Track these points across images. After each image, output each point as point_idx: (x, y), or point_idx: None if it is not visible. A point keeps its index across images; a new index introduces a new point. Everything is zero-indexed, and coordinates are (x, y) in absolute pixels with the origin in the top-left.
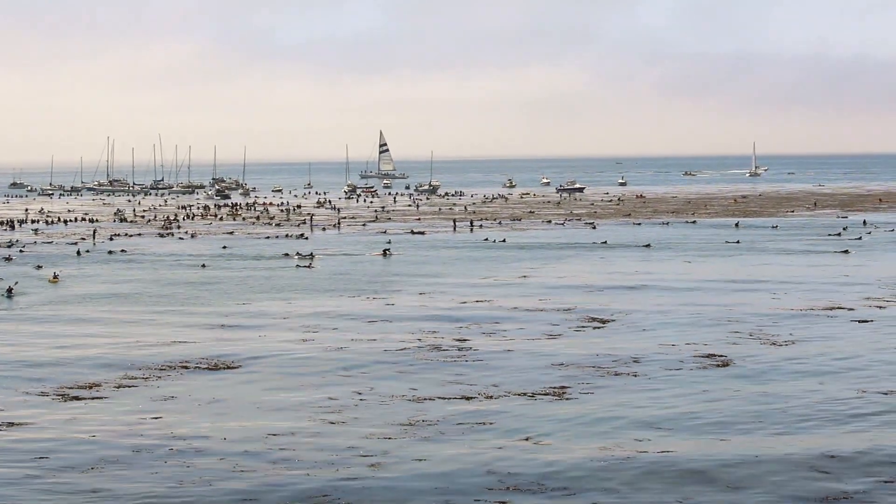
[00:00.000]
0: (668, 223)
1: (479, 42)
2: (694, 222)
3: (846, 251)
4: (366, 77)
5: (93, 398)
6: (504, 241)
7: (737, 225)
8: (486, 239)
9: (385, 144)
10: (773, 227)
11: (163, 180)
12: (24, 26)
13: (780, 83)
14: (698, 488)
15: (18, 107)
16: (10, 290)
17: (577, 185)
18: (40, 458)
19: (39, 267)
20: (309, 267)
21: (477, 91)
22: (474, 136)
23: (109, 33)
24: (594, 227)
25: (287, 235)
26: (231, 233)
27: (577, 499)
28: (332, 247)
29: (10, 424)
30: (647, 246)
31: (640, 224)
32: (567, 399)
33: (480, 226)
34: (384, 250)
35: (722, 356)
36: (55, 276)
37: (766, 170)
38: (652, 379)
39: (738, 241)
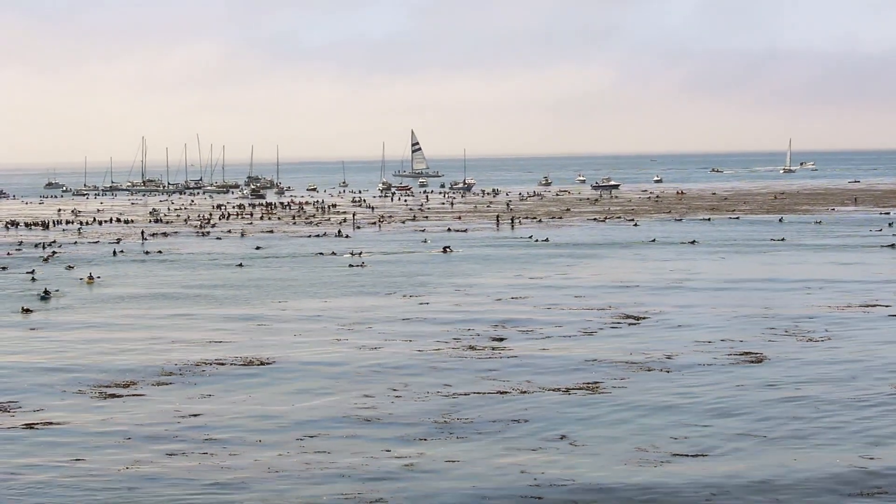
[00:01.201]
0: (709, 219)
1: (506, 42)
2: (737, 218)
3: (893, 245)
4: (394, 78)
5: (131, 395)
6: (547, 239)
7: (781, 220)
8: (531, 237)
9: (417, 143)
10: (816, 222)
11: (201, 180)
12: (50, 28)
13: (806, 79)
14: (734, 494)
15: (50, 108)
16: (46, 292)
17: (613, 182)
18: (76, 460)
19: (70, 267)
20: (361, 266)
21: (504, 90)
22: (503, 134)
23: (134, 35)
24: (636, 225)
25: (326, 234)
26: (270, 231)
27: (611, 496)
28: (376, 245)
29: (48, 423)
30: (693, 243)
31: (681, 220)
32: (601, 393)
33: (520, 222)
34: (445, 247)
35: (757, 353)
36: (91, 277)
37: (813, 166)
38: (685, 376)
39: (783, 238)
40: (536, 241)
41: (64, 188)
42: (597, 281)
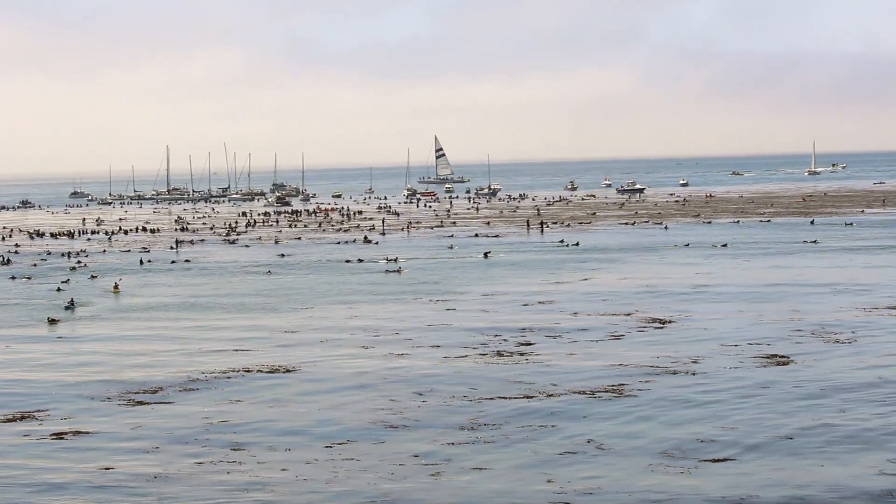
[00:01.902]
0: (738, 222)
1: (528, 45)
2: (768, 221)
3: None
4: (416, 82)
5: (158, 402)
6: (577, 243)
7: (812, 223)
8: (562, 241)
9: (441, 149)
10: (847, 224)
11: (229, 188)
12: (69, 36)
13: (829, 81)
14: (767, 496)
15: (72, 116)
16: (71, 302)
17: (638, 186)
18: (106, 469)
19: (94, 277)
20: (398, 271)
21: (527, 94)
22: (525, 138)
23: (156, 42)
24: (666, 228)
25: (356, 240)
26: (298, 238)
27: None
28: (406, 251)
29: (77, 432)
30: (724, 246)
31: (710, 223)
32: (627, 396)
33: (548, 227)
34: (485, 253)
35: (784, 356)
36: (116, 287)
37: (844, 168)
38: (712, 379)
39: (815, 241)
40: (567, 245)
41: (89, 197)
42: (626, 285)
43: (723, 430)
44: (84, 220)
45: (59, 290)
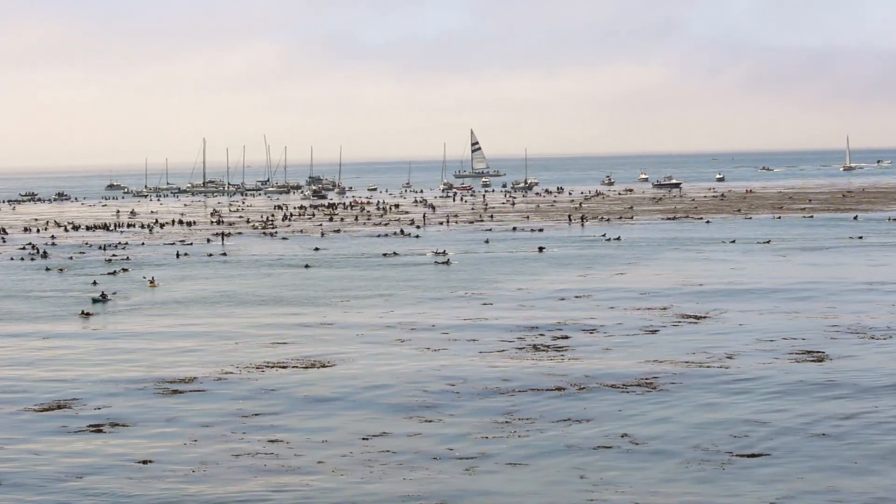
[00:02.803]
0: (779, 217)
1: (565, 39)
2: (810, 217)
3: None
4: (452, 76)
5: (193, 391)
6: (619, 238)
7: (855, 218)
8: (604, 235)
9: (477, 143)
10: (890, 219)
11: (268, 181)
12: (107, 29)
13: (864, 76)
14: (800, 492)
15: (109, 109)
16: (102, 295)
17: (674, 181)
18: (145, 462)
19: (125, 270)
20: (447, 263)
21: (563, 88)
22: (560, 133)
23: (193, 36)
24: (708, 223)
25: (396, 233)
26: (337, 231)
27: (671, 501)
28: (445, 244)
29: (115, 424)
30: (767, 242)
31: (751, 219)
32: (660, 391)
33: (586, 220)
34: (540, 247)
35: (818, 352)
36: (153, 281)
37: (889, 164)
38: (745, 374)
39: (861, 237)
40: (609, 239)
41: (125, 190)
42: (665, 280)
43: (756, 425)
44: (118, 212)
45: (94, 283)
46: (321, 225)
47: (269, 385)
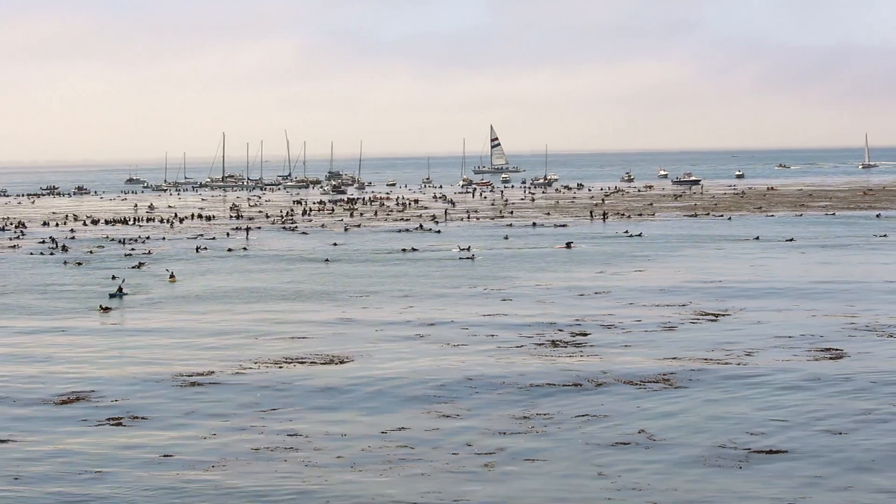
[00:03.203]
0: (801, 215)
1: (582, 35)
2: (833, 214)
3: None
4: (470, 72)
5: (211, 389)
6: (640, 234)
7: (878, 216)
8: (626, 232)
9: (496, 139)
10: None
11: (290, 175)
12: (126, 23)
13: (881, 74)
14: (817, 490)
15: (128, 104)
16: (119, 290)
17: (693, 178)
18: (166, 456)
19: (141, 265)
20: (471, 258)
21: (581, 85)
22: (578, 129)
23: (208, 31)
24: (729, 219)
25: (419, 228)
26: (358, 226)
27: (689, 498)
28: (466, 240)
29: (134, 417)
30: (790, 240)
31: (773, 216)
32: (678, 387)
33: (607, 217)
34: (567, 243)
35: (837, 349)
36: (172, 276)
37: None
38: (763, 371)
39: (885, 235)
40: (631, 235)
41: (144, 184)
42: (685, 277)
43: (773, 422)
44: (136, 206)
45: (113, 277)
46: (342, 220)
47: (287, 379)
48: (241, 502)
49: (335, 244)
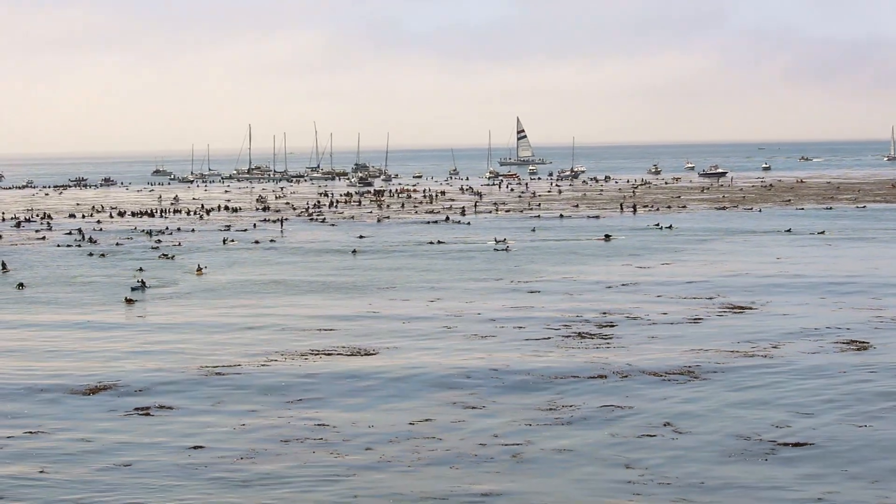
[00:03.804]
0: (830, 208)
1: (609, 28)
2: (864, 207)
3: None
4: (496, 64)
5: (236, 374)
6: (670, 226)
7: None
8: (657, 225)
9: (523, 131)
10: None
11: (319, 167)
12: (153, 15)
13: None
14: (844, 482)
15: (155, 95)
16: (141, 283)
17: (720, 170)
18: (196, 447)
19: (165, 256)
20: (506, 250)
21: (607, 76)
22: (605, 121)
23: (234, 22)
24: (760, 211)
25: (445, 219)
26: (387, 217)
27: (715, 491)
28: (496, 233)
29: (161, 407)
30: (821, 233)
31: (802, 209)
32: (703, 379)
33: (635, 209)
34: (606, 235)
35: (863, 342)
36: (200, 269)
37: None
38: (788, 363)
39: None
40: (661, 227)
41: (171, 176)
42: (712, 270)
43: (799, 415)
44: (160, 197)
45: (140, 269)
46: (370, 212)
47: (314, 372)
48: (271, 493)
49: (361, 236)
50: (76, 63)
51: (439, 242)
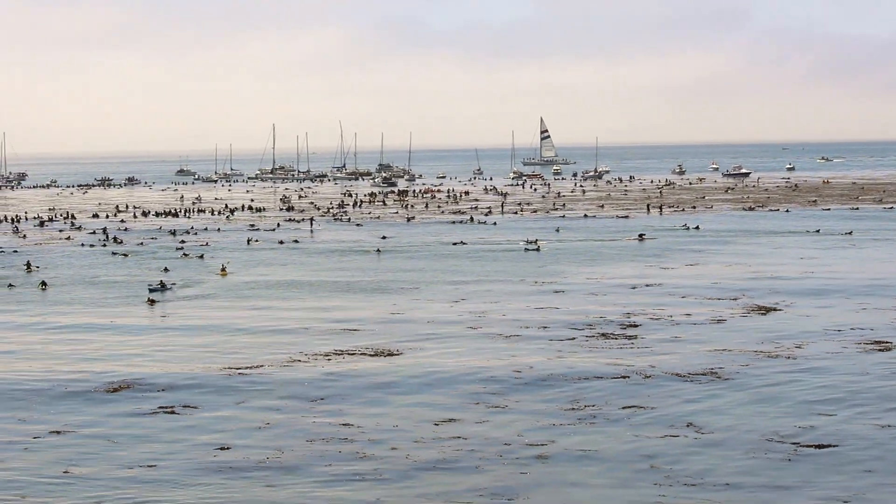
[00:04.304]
0: (857, 209)
1: (633, 26)
2: (891, 208)
3: None
4: (519, 63)
5: (261, 375)
6: (698, 227)
7: None
8: (685, 225)
9: (546, 131)
10: None
11: (344, 167)
12: (174, 12)
13: None
14: (867, 481)
15: (177, 94)
16: (161, 284)
17: (744, 171)
18: (223, 448)
19: (186, 255)
20: (537, 250)
21: (630, 76)
22: (628, 121)
23: (256, 20)
24: (787, 211)
25: (471, 220)
26: (412, 218)
27: (738, 492)
28: (520, 233)
29: (186, 406)
30: (849, 233)
31: (829, 210)
32: (726, 380)
33: (662, 209)
34: (640, 235)
35: (886, 342)
36: (224, 269)
37: None
38: (812, 364)
39: None
40: (688, 228)
41: (195, 176)
42: (737, 271)
43: (822, 415)
44: (182, 197)
45: (165, 269)
46: (396, 212)
47: (337, 371)
48: (297, 492)
49: (384, 237)
50: (97, 60)
51: (462, 243)
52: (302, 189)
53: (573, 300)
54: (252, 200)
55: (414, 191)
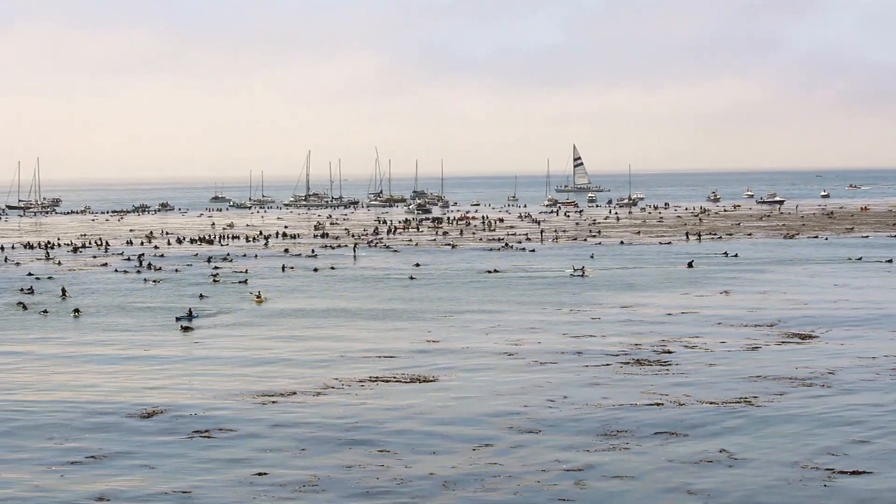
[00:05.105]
0: (895, 236)
1: (664, 54)
2: None
3: None
4: (552, 90)
5: (295, 405)
6: (736, 255)
7: None
8: (725, 253)
9: (579, 158)
10: None
11: (381, 193)
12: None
13: None
14: None
15: (212, 121)
16: (189, 313)
17: (778, 198)
18: (259, 474)
19: (217, 281)
20: (582, 276)
21: (662, 103)
22: (661, 148)
23: (291, 46)
24: (826, 240)
25: (503, 247)
26: (448, 244)
27: None
28: (555, 259)
29: (221, 429)
30: (889, 261)
31: (867, 237)
32: (759, 407)
33: (700, 236)
34: (689, 262)
35: None
36: (259, 296)
37: None
38: (846, 392)
39: None
40: (728, 255)
41: (230, 202)
42: (774, 299)
43: (856, 443)
44: (213, 224)
45: (201, 296)
46: (434, 239)
47: (371, 397)
48: None
49: (417, 265)
50: (133, 86)
51: (496, 271)
52: (333, 216)
53: (609, 326)
54: (286, 227)
55: (449, 218)
